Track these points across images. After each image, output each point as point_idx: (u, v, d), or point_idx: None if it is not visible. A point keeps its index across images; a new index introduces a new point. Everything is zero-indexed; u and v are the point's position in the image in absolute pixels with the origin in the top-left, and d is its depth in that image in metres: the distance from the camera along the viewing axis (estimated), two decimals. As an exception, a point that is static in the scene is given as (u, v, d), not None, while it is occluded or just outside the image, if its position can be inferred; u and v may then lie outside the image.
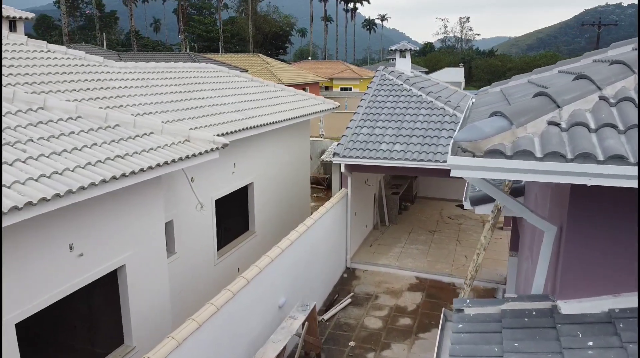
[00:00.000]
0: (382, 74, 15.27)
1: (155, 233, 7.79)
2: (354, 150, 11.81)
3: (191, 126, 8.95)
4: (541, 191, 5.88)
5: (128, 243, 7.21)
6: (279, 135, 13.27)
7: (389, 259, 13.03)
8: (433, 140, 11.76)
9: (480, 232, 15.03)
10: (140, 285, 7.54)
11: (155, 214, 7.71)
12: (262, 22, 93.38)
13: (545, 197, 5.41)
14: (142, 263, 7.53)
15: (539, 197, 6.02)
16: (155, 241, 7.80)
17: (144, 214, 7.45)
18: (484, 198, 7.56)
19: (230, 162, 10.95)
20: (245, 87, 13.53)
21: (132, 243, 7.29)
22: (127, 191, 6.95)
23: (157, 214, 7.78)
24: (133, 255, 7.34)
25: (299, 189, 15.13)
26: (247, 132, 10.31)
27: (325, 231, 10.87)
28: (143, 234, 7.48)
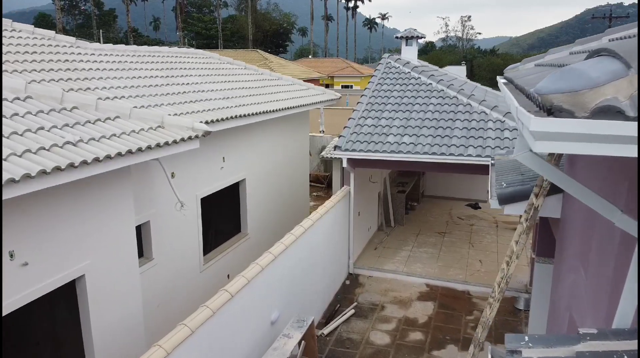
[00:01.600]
0: (387, 61, 14.02)
1: (124, 236, 6.55)
2: (357, 143, 10.57)
3: (170, 112, 7.72)
4: (606, 182, 4.60)
5: (88, 250, 5.98)
6: (274, 127, 12.03)
7: (395, 264, 11.78)
8: (446, 131, 10.50)
9: (494, 234, 13.81)
10: (104, 298, 6.31)
11: (123, 215, 6.47)
12: (262, 20, 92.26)
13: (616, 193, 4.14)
14: (107, 272, 6.29)
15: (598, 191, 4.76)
16: (124, 246, 6.56)
17: (108, 214, 6.21)
18: (516, 195, 6.31)
19: (218, 156, 9.72)
20: (237, 75, 12.30)
21: (93, 249, 6.05)
22: (85, 187, 5.73)
23: (126, 215, 6.54)
24: (94, 264, 6.10)
25: (297, 187, 13.90)
26: (237, 121, 9.07)
27: (326, 233, 9.64)
28: (107, 238, 6.24)
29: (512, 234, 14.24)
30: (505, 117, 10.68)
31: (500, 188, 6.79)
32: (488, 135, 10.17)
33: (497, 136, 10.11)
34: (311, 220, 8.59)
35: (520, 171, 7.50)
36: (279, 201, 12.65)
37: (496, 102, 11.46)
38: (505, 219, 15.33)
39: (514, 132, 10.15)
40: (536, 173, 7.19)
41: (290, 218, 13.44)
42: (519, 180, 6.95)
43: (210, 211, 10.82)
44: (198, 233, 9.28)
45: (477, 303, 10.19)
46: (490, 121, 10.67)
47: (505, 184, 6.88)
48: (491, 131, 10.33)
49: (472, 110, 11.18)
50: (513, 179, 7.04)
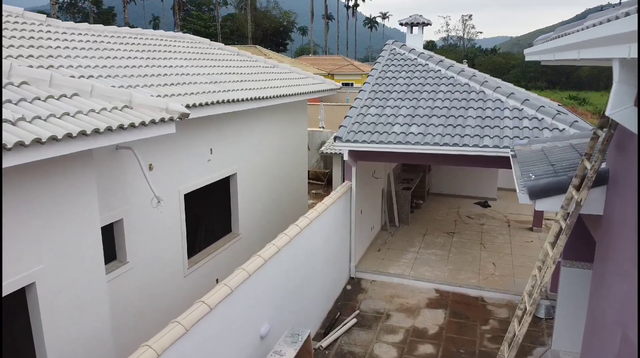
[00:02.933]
0: (391, 47, 13.01)
1: (86, 236, 5.52)
2: (359, 133, 9.55)
3: (150, 94, 6.70)
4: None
5: (39, 253, 4.95)
6: (270, 118, 11.01)
7: (401, 267, 10.75)
8: (458, 121, 9.48)
9: (506, 234, 12.80)
10: (61, 309, 5.29)
11: (84, 211, 5.44)
12: (262, 18, 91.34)
13: None
14: (65, 279, 5.27)
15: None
16: (86, 248, 5.53)
17: (65, 210, 5.18)
18: (551, 188, 5.28)
19: (205, 147, 8.71)
20: (228, 61, 11.29)
21: (45, 252, 5.03)
22: (35, 177, 4.72)
23: (88, 211, 5.52)
24: (48, 269, 5.09)
25: (294, 184, 12.88)
26: (224, 107, 8.05)
27: (325, 233, 8.62)
28: (65, 239, 5.22)
29: (526, 234, 13.29)
30: (523, 105, 9.66)
31: (530, 180, 5.77)
32: (505, 124, 9.15)
33: (515, 125, 9.08)
34: (308, 219, 7.58)
35: (549, 161, 6.48)
36: (274, 199, 11.64)
37: (512, 90, 10.45)
38: (518, 218, 14.32)
39: (533, 121, 9.13)
40: (571, 162, 6.18)
41: (287, 216, 12.43)
42: (551, 171, 5.93)
43: (196, 209, 9.81)
44: (181, 233, 8.27)
45: (492, 311, 9.17)
46: (507, 109, 9.65)
47: (535, 176, 5.87)
48: (508, 119, 9.30)
49: (486, 98, 10.16)
50: (543, 171, 6.02)
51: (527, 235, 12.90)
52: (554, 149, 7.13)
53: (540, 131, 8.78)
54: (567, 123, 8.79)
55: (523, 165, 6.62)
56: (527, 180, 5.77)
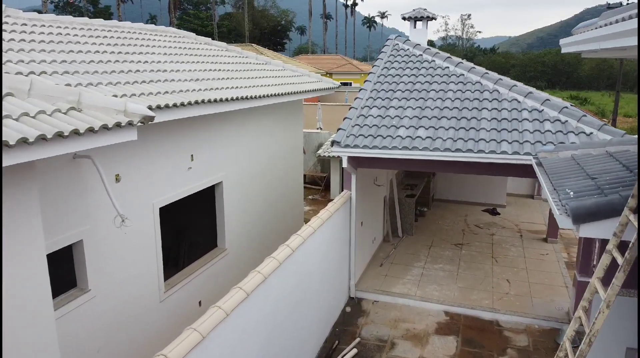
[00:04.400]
0: (394, 43, 11.97)
1: (26, 265, 4.47)
2: (360, 137, 8.50)
3: (114, 93, 5.66)
4: None
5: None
6: (261, 119, 9.97)
7: (406, 285, 9.71)
8: (471, 123, 8.45)
9: (519, 245, 11.79)
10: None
11: (24, 234, 4.39)
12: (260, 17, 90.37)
13: None
14: None
15: None
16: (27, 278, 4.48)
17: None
18: (601, 209, 4.24)
19: (184, 153, 7.66)
20: (215, 56, 10.23)
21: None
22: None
23: (29, 234, 4.46)
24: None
25: (288, 190, 11.84)
26: (207, 107, 7.01)
27: (321, 251, 7.58)
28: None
29: (540, 246, 12.23)
30: (543, 106, 8.63)
31: (569, 197, 4.73)
32: (524, 127, 8.11)
33: (536, 128, 8.04)
34: (301, 237, 6.53)
35: (586, 174, 5.44)
36: (266, 208, 10.59)
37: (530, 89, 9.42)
38: (530, 227, 13.30)
39: (556, 124, 8.10)
40: (616, 176, 5.14)
41: (281, 227, 11.39)
42: (592, 186, 4.89)
43: (176, 223, 8.79)
44: (156, 253, 7.22)
45: (510, 338, 8.13)
46: (525, 111, 8.62)
47: (573, 192, 4.83)
48: (527, 122, 8.27)
49: (501, 97, 9.13)
50: (583, 186, 4.98)
51: (541, 246, 11.87)
52: (588, 158, 6.10)
53: (565, 136, 7.75)
54: (594, 126, 7.76)
55: (555, 177, 5.58)
56: (566, 198, 4.73)
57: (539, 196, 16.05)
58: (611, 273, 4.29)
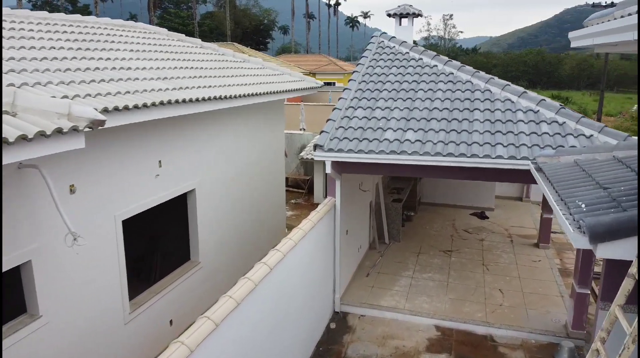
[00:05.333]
0: (379, 40, 11.39)
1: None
2: (344, 140, 7.89)
3: (65, 93, 4.95)
4: None
5: None
6: (238, 120, 9.31)
7: (394, 297, 9.13)
8: (463, 125, 7.90)
9: (510, 251, 11.33)
10: None
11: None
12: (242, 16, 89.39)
13: None
14: None
15: None
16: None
17: None
18: (622, 227, 3.70)
19: (151, 159, 6.97)
20: (188, 54, 9.53)
21: None
22: None
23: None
24: None
25: (269, 195, 11.19)
26: (175, 108, 6.33)
27: (304, 265, 6.95)
28: None
29: (532, 251, 11.73)
30: (539, 107, 8.12)
31: (581, 211, 4.18)
32: (520, 129, 7.58)
33: (533, 130, 7.52)
34: (281, 253, 5.88)
35: (596, 182, 4.90)
36: (245, 216, 9.93)
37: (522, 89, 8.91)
38: (520, 231, 12.84)
39: (553, 126, 7.59)
40: (632, 186, 4.61)
41: (262, 235, 10.74)
42: (606, 198, 4.35)
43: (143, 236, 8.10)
44: (119, 270, 6.51)
45: (505, 355, 7.60)
46: (520, 111, 8.10)
47: (585, 205, 4.28)
48: (522, 123, 7.74)
49: (493, 97, 8.60)
50: (595, 197, 4.44)
51: (533, 252, 11.40)
52: (594, 164, 5.58)
53: (563, 138, 7.24)
54: (594, 129, 7.26)
55: (561, 186, 5.03)
56: (578, 211, 4.17)
57: (528, 198, 15.64)
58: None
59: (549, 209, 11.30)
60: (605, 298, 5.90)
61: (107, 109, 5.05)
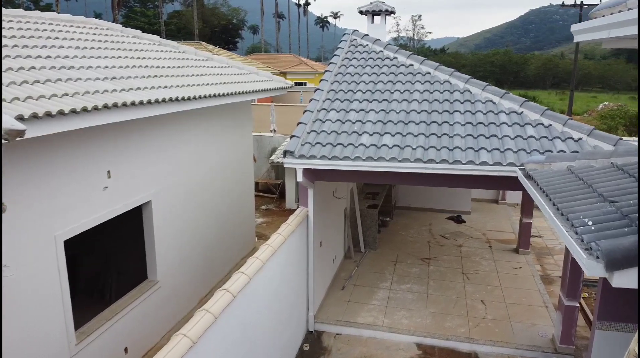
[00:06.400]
0: (351, 38, 10.79)
1: None
2: (317, 146, 7.24)
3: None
4: None
5: None
6: (201, 124, 8.56)
7: (372, 313, 8.53)
8: (443, 128, 7.35)
9: (489, 258, 10.94)
10: None
11: None
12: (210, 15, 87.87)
13: None
14: None
15: None
16: None
17: None
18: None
19: (98, 169, 6.16)
20: (144, 51, 8.72)
21: None
22: None
23: None
24: None
25: (237, 204, 10.45)
26: (123, 113, 5.56)
27: (273, 285, 6.26)
28: None
29: (512, 257, 11.25)
30: (522, 108, 7.65)
31: (589, 230, 3.64)
32: (504, 133, 7.08)
33: (518, 133, 7.03)
34: (246, 276, 5.19)
35: (598, 194, 4.38)
36: (209, 228, 9.17)
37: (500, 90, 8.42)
38: (498, 236, 12.46)
39: (539, 129, 7.12)
40: None
41: (229, 247, 10.00)
42: (615, 214, 3.82)
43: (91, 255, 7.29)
44: (62, 297, 5.70)
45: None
46: (503, 113, 7.61)
47: (592, 222, 3.75)
48: (506, 126, 7.25)
49: (473, 98, 8.10)
50: (602, 213, 3.91)
51: (513, 258, 11.00)
52: (591, 171, 5.08)
53: (551, 142, 6.77)
54: (583, 131, 6.82)
55: (558, 198, 4.50)
56: (586, 231, 3.63)
57: (504, 201, 15.33)
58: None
59: (528, 213, 10.93)
60: (602, 317, 5.42)
61: (36, 115, 4.27)
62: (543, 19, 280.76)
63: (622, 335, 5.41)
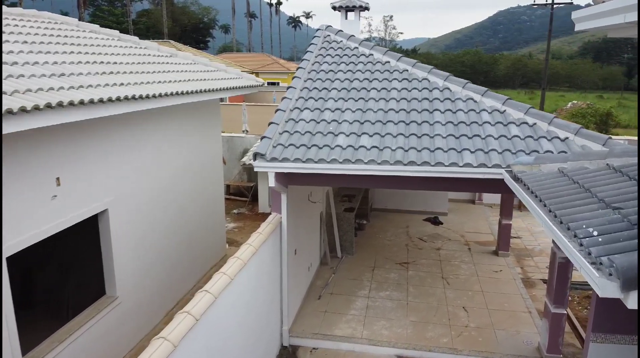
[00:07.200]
0: (325, 34, 10.32)
1: None
2: (290, 147, 6.73)
3: None
4: None
5: None
6: (164, 125, 7.95)
7: (350, 324, 8.07)
8: (423, 128, 6.94)
9: (469, 261, 10.64)
10: None
11: None
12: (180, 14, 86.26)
13: None
14: None
15: None
16: None
17: None
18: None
19: (46, 176, 5.52)
20: (102, 46, 8.05)
21: None
22: None
23: None
24: None
25: (205, 209, 9.85)
26: (70, 113, 4.94)
27: (244, 301, 5.73)
28: None
29: (491, 260, 10.94)
30: (505, 106, 7.31)
31: (596, 242, 3.24)
32: (487, 132, 6.71)
33: (501, 133, 6.68)
34: (211, 295, 4.64)
35: (599, 199, 4.01)
36: (175, 236, 8.56)
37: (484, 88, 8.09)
38: (477, 238, 12.18)
39: (523, 128, 6.78)
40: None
41: (197, 256, 9.40)
42: (621, 223, 3.45)
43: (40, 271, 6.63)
44: (5, 321, 5.04)
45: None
46: (485, 112, 7.25)
47: (598, 232, 3.36)
48: (489, 126, 6.89)
49: (454, 96, 7.73)
50: (605, 221, 3.53)
51: (493, 261, 10.71)
52: (586, 174, 4.72)
53: (537, 141, 6.43)
54: (570, 130, 6.50)
55: (554, 204, 4.11)
56: (594, 244, 3.23)
57: (480, 201, 15.11)
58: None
59: (507, 214, 10.65)
60: (597, 329, 5.08)
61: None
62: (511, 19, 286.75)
63: (618, 347, 5.08)
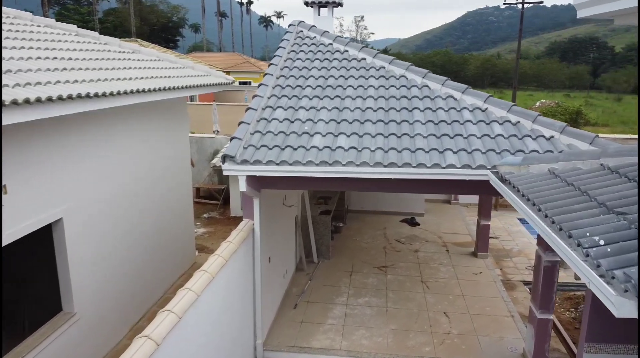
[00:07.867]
0: (297, 29, 9.90)
1: None
2: (262, 149, 6.28)
3: None
4: None
5: None
6: (125, 125, 7.39)
7: (328, 334, 7.67)
8: (402, 127, 6.59)
9: (447, 263, 10.43)
10: None
11: None
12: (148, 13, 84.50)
13: None
14: None
15: None
16: None
17: None
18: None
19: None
20: (57, 42, 7.44)
21: None
22: None
23: None
24: None
25: (172, 214, 9.30)
26: (15, 113, 4.39)
27: (212, 316, 5.27)
28: None
29: (470, 262, 10.66)
30: (486, 104, 7.03)
31: (604, 252, 2.92)
32: (469, 131, 6.41)
33: (484, 132, 6.38)
34: (175, 314, 4.17)
35: (599, 203, 3.71)
36: (138, 245, 8.00)
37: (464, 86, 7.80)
38: (454, 239, 11.96)
39: (506, 126, 6.51)
40: None
41: (164, 265, 8.84)
42: (630, 230, 3.14)
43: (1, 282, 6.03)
44: (-62, 350, 4.45)
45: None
46: (466, 110, 6.96)
47: (604, 241, 3.04)
48: (471, 124, 6.59)
49: (433, 94, 7.42)
50: (611, 227, 3.21)
51: (472, 262, 10.48)
52: (579, 174, 4.43)
53: (521, 141, 6.16)
54: (555, 128, 6.25)
55: (550, 209, 3.79)
56: (603, 255, 2.90)
57: (456, 201, 14.94)
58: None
59: (486, 215, 10.45)
60: (590, 338, 4.81)
61: None
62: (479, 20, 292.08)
63: (613, 357, 4.83)
